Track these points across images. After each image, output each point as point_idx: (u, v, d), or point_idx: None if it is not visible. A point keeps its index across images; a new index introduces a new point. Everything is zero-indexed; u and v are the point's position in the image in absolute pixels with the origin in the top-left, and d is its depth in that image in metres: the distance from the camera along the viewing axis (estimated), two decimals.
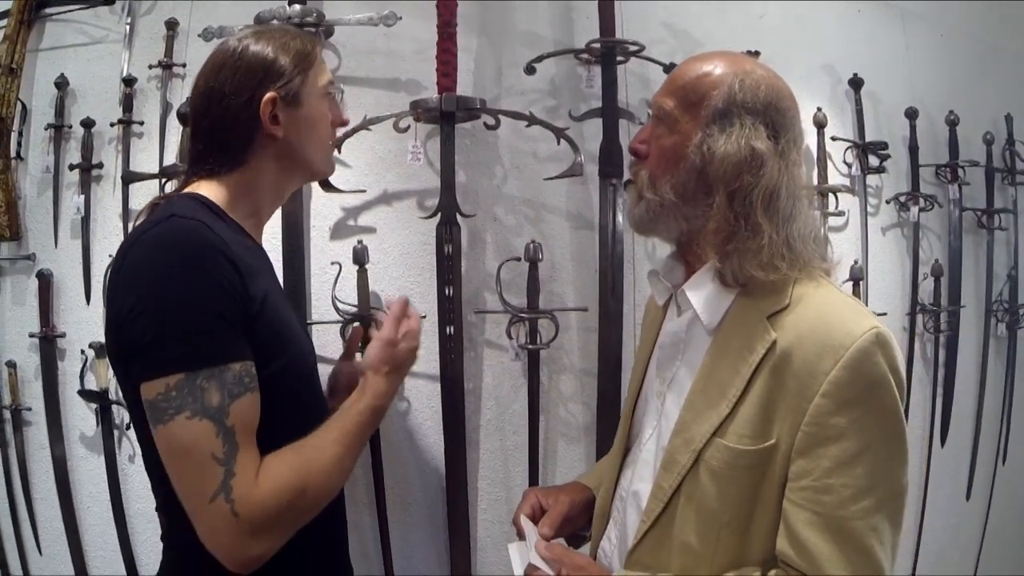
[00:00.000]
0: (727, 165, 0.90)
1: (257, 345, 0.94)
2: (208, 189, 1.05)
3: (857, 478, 0.82)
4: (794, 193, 0.92)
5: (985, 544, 2.45)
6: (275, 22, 1.78)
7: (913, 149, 2.36)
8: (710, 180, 0.92)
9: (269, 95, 1.02)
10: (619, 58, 1.94)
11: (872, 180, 2.32)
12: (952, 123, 2.40)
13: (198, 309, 0.87)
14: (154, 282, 0.87)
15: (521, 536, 1.11)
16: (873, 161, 2.28)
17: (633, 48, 1.92)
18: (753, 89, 0.93)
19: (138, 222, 1.02)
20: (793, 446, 0.85)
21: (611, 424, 1.91)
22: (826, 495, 0.82)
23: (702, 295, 0.95)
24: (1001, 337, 2.52)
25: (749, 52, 1.93)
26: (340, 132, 1.29)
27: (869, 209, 2.31)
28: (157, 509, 1.03)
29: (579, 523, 1.17)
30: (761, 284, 0.91)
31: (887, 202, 2.36)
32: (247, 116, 1.03)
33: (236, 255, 0.94)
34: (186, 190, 1.05)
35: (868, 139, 2.27)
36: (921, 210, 2.35)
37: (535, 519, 1.11)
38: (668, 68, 1.96)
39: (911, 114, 2.35)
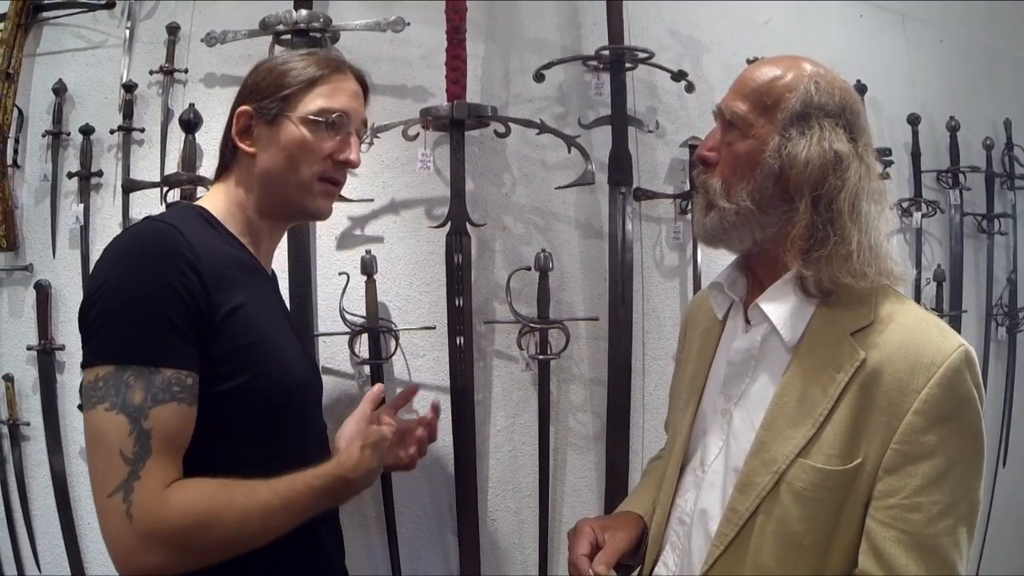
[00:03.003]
0: (811, 169, 0.88)
1: (215, 355, 0.93)
2: (209, 198, 1.11)
3: (945, 495, 0.82)
4: (872, 197, 0.91)
5: (986, 548, 2.46)
6: (280, 27, 1.76)
7: (915, 155, 2.37)
8: (790, 185, 0.90)
9: (242, 108, 1.07)
10: (627, 65, 1.93)
11: None
12: (953, 129, 2.41)
13: (141, 307, 0.89)
14: (108, 277, 0.91)
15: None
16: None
17: (643, 55, 1.91)
18: (829, 91, 0.91)
19: None
20: (881, 464, 0.84)
21: (621, 433, 1.90)
22: (915, 513, 0.82)
23: (782, 309, 0.93)
24: (1001, 341, 2.54)
25: (751, 60, 1.92)
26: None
27: None
28: None
29: (628, 555, 1.13)
30: (843, 296, 0.90)
31: (890, 208, 2.35)
32: (229, 126, 1.10)
33: (208, 262, 0.94)
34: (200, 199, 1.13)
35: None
36: (924, 216, 2.36)
37: (592, 555, 1.07)
38: (676, 75, 1.96)
39: (913, 120, 2.36)
